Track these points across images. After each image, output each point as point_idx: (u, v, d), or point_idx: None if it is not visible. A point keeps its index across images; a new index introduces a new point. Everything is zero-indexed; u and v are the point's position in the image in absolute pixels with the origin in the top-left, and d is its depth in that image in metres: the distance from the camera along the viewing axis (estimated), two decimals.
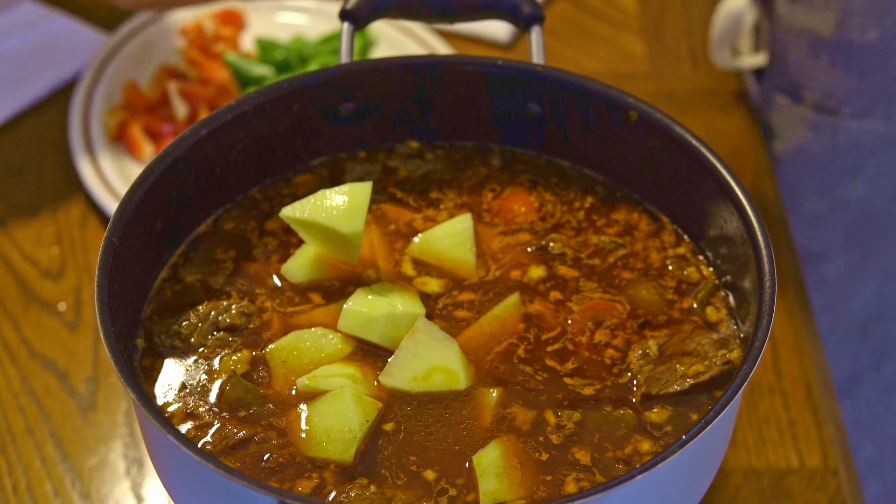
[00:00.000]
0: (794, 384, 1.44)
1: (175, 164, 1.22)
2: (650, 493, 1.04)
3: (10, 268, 1.57)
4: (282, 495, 0.99)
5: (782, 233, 1.62)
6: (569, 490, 1.07)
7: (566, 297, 1.22)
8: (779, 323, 1.50)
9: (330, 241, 1.21)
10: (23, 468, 1.37)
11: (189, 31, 1.82)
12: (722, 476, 1.35)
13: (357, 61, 1.32)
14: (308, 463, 1.09)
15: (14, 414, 1.42)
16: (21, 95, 1.76)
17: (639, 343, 1.17)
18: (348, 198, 1.20)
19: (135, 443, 1.39)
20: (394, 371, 1.14)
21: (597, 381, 1.15)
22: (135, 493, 1.36)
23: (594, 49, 1.88)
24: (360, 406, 1.10)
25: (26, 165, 1.69)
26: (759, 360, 1.06)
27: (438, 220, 1.28)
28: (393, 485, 1.08)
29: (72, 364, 1.47)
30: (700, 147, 1.22)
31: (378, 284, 1.21)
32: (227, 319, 1.19)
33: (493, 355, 1.17)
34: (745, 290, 1.17)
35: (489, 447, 1.09)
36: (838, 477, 1.37)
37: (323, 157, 1.34)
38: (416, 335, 1.14)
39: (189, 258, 1.25)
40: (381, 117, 1.34)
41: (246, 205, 1.30)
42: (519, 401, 1.13)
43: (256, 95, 1.27)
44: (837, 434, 1.41)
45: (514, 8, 1.32)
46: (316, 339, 1.17)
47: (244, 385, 1.14)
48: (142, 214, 1.19)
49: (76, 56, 1.80)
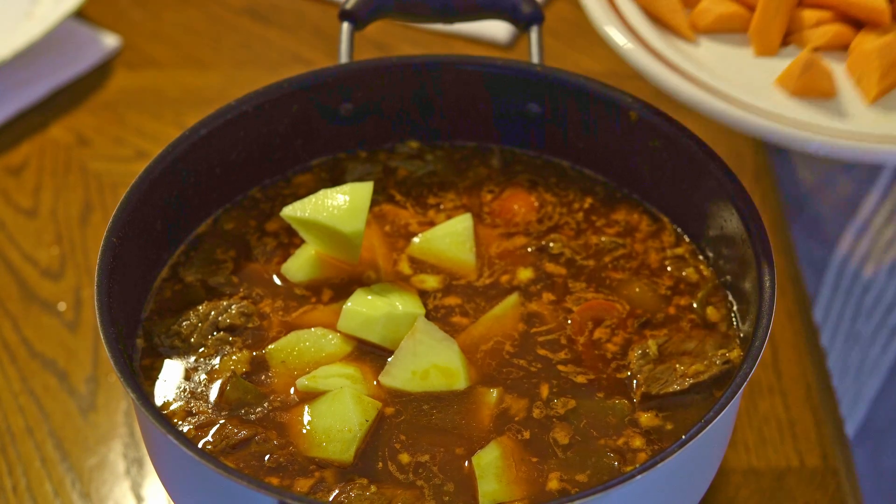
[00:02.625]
0: (794, 384, 1.44)
1: (175, 164, 1.22)
2: (650, 492, 1.04)
3: (10, 268, 1.57)
4: (282, 495, 0.99)
5: (782, 233, 1.62)
6: (563, 486, 1.07)
7: (566, 296, 1.22)
8: (779, 323, 1.49)
9: (331, 241, 1.21)
10: (23, 468, 1.37)
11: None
12: (722, 476, 1.35)
13: (357, 61, 1.32)
14: (308, 463, 1.09)
15: (14, 414, 1.42)
16: (21, 95, 1.76)
17: (638, 343, 1.18)
18: (349, 197, 1.20)
19: (135, 443, 1.39)
20: (393, 371, 1.14)
21: (592, 371, 1.15)
22: (135, 493, 1.36)
23: (594, 49, 1.87)
24: (359, 406, 1.10)
25: (26, 165, 1.69)
26: (758, 360, 1.06)
27: (438, 220, 1.28)
28: (393, 485, 1.08)
29: (72, 364, 1.47)
30: (700, 147, 1.22)
31: (378, 285, 1.21)
32: (227, 319, 1.19)
33: (493, 355, 1.17)
34: (745, 290, 1.17)
35: (488, 448, 1.09)
36: (838, 477, 1.37)
37: (323, 157, 1.34)
38: (415, 335, 1.14)
39: (189, 258, 1.25)
40: (381, 117, 1.34)
41: (246, 205, 1.30)
42: (518, 399, 1.13)
43: (256, 95, 1.28)
44: (837, 434, 1.41)
45: (514, 8, 1.32)
46: (316, 340, 1.17)
47: (244, 385, 1.14)
48: (142, 214, 1.19)
49: (77, 56, 1.80)
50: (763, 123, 1.15)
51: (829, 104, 1.19)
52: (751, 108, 1.16)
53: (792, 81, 1.20)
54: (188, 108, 1.78)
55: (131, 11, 1.93)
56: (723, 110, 1.16)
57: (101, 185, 1.67)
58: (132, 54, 1.85)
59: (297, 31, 1.90)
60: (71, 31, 1.84)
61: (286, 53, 1.87)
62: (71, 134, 1.74)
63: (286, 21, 1.92)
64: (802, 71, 1.19)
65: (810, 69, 1.19)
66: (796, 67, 1.19)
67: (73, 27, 1.85)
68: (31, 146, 1.72)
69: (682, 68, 1.20)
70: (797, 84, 1.19)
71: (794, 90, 1.20)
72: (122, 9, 1.93)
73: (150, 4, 1.94)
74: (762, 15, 1.24)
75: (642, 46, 1.22)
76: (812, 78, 1.19)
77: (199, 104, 1.77)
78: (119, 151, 1.72)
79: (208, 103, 1.64)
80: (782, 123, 1.15)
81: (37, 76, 1.78)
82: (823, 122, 1.17)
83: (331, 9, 1.93)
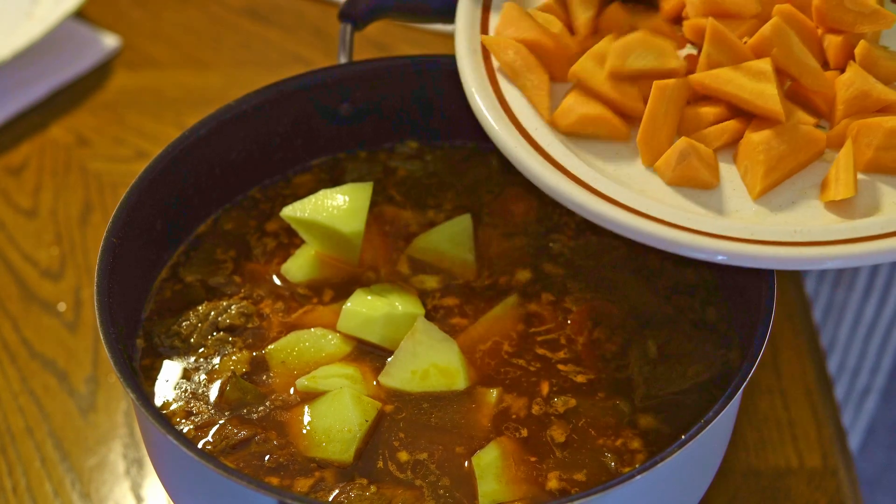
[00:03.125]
0: (794, 384, 1.44)
1: (175, 164, 1.22)
2: (650, 492, 1.04)
3: (10, 268, 1.57)
4: (281, 495, 0.99)
5: None
6: (563, 486, 1.07)
7: (566, 297, 1.22)
8: (779, 323, 1.49)
9: (331, 241, 1.21)
10: (23, 468, 1.37)
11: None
12: (722, 476, 1.35)
13: (357, 61, 1.32)
14: (308, 463, 1.09)
15: (14, 414, 1.42)
16: (21, 95, 1.76)
17: (638, 343, 1.18)
18: (349, 198, 1.20)
19: (135, 443, 1.39)
20: (393, 371, 1.14)
21: (592, 371, 1.15)
22: (135, 493, 1.36)
23: None
24: (359, 406, 1.10)
25: (26, 165, 1.69)
26: (758, 360, 1.06)
27: (438, 220, 1.28)
28: (393, 484, 1.08)
29: (71, 364, 1.47)
30: None
31: (377, 285, 1.21)
32: (227, 320, 1.19)
33: (493, 355, 1.17)
34: (744, 291, 1.17)
35: (488, 448, 1.09)
36: (838, 477, 1.37)
37: (323, 157, 1.34)
38: (415, 335, 1.14)
39: (189, 258, 1.25)
40: (380, 117, 1.34)
41: (246, 205, 1.30)
42: (518, 398, 1.13)
43: (256, 95, 1.28)
44: (837, 434, 1.41)
45: None
46: (315, 340, 1.17)
47: (244, 385, 1.14)
48: (142, 214, 1.19)
49: (77, 56, 1.80)
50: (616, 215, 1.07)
51: (711, 196, 1.10)
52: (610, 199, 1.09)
53: (668, 171, 1.11)
54: (188, 108, 1.78)
55: (131, 11, 1.93)
56: (583, 199, 1.09)
57: (101, 185, 1.67)
58: (132, 54, 1.86)
59: (297, 31, 1.90)
60: (71, 31, 1.84)
61: (286, 53, 1.87)
62: (71, 134, 1.74)
63: (286, 21, 1.92)
64: (678, 160, 1.10)
65: (686, 159, 1.10)
66: (672, 156, 1.10)
67: (73, 27, 1.85)
68: (31, 146, 1.72)
69: (545, 149, 1.13)
70: (673, 174, 1.11)
71: (670, 180, 1.11)
72: (122, 9, 1.93)
73: (150, 4, 1.94)
74: (650, 121, 1.12)
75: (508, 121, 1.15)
76: (689, 168, 1.10)
77: (199, 104, 1.77)
78: (119, 151, 1.72)
79: (208, 103, 1.65)
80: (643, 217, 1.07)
81: (37, 76, 1.78)
82: (696, 218, 1.08)
83: (331, 9, 1.93)
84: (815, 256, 1.04)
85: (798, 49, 1.13)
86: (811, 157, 1.12)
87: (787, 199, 1.10)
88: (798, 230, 1.06)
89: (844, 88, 1.13)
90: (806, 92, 1.15)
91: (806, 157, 1.11)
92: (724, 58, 1.14)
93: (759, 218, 1.08)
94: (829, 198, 1.09)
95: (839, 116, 1.13)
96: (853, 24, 1.15)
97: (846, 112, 1.13)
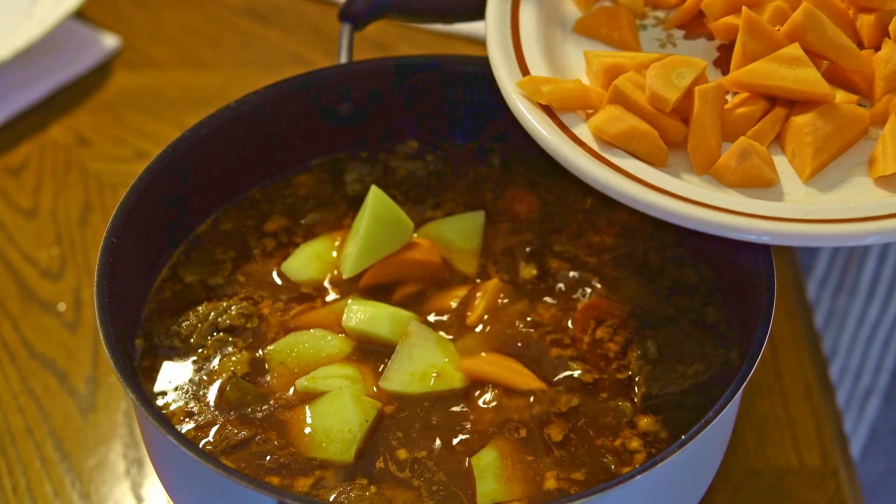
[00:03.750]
0: (794, 384, 1.44)
1: (175, 164, 1.22)
2: (650, 492, 1.04)
3: (10, 268, 1.57)
4: (281, 495, 0.99)
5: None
6: (561, 486, 1.07)
7: (567, 296, 1.22)
8: (779, 323, 1.49)
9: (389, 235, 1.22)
10: (23, 468, 1.37)
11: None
12: (722, 476, 1.35)
13: (357, 61, 1.32)
14: (308, 463, 1.09)
15: (14, 414, 1.42)
16: (21, 95, 1.76)
17: (638, 343, 1.18)
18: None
19: (135, 443, 1.39)
20: (392, 375, 1.14)
21: (595, 370, 1.15)
22: (135, 494, 1.36)
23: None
24: (359, 406, 1.10)
25: (26, 165, 1.69)
26: (758, 360, 1.06)
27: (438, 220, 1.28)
28: (393, 485, 1.08)
29: (71, 364, 1.47)
30: None
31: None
32: (227, 320, 1.19)
33: (493, 354, 1.17)
34: (744, 290, 1.17)
35: (487, 448, 1.09)
36: (838, 477, 1.36)
37: (323, 157, 1.34)
38: (409, 338, 1.14)
39: (189, 258, 1.25)
40: (381, 117, 1.34)
41: (245, 205, 1.30)
42: (517, 398, 1.13)
43: (256, 95, 1.28)
44: (837, 434, 1.41)
45: None
46: (315, 340, 1.17)
47: (244, 386, 1.14)
48: (141, 214, 1.19)
49: (77, 56, 1.80)
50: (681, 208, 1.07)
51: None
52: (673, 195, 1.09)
53: (730, 173, 1.11)
54: (188, 108, 1.78)
55: (131, 11, 1.93)
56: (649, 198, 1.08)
57: (101, 185, 1.67)
58: (132, 54, 1.85)
59: (297, 31, 1.90)
60: (71, 32, 1.84)
61: (286, 53, 1.87)
62: (71, 134, 1.74)
63: (286, 21, 1.92)
64: (739, 161, 1.10)
65: (748, 158, 1.10)
66: (732, 157, 1.10)
67: (73, 27, 1.85)
68: (31, 146, 1.72)
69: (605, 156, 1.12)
70: (734, 176, 1.10)
71: (732, 182, 1.11)
72: (122, 9, 1.93)
73: (150, 4, 1.94)
74: (698, 126, 1.12)
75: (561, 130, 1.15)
76: (751, 167, 1.10)
77: (199, 104, 1.77)
78: (119, 151, 1.72)
79: (208, 103, 1.65)
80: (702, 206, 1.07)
81: (37, 76, 1.78)
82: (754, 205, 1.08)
83: (331, 9, 1.93)
84: (874, 230, 1.05)
85: (832, 31, 1.14)
86: (857, 136, 1.13)
87: (836, 178, 1.11)
88: (851, 207, 1.07)
89: (883, 65, 1.14)
90: (844, 72, 1.16)
91: (852, 135, 1.12)
92: (759, 46, 1.15)
93: (811, 198, 1.10)
94: (878, 173, 1.09)
95: (880, 93, 1.15)
96: (885, 0, 1.16)
97: (887, 88, 1.14)
